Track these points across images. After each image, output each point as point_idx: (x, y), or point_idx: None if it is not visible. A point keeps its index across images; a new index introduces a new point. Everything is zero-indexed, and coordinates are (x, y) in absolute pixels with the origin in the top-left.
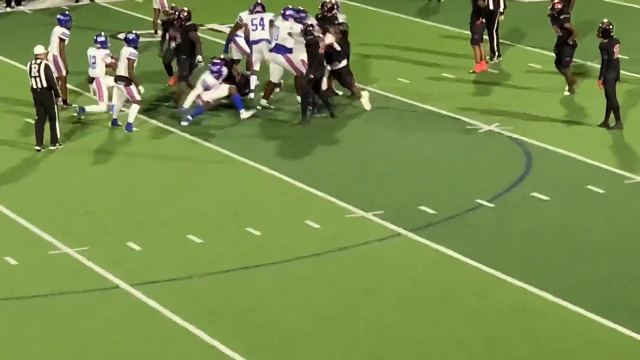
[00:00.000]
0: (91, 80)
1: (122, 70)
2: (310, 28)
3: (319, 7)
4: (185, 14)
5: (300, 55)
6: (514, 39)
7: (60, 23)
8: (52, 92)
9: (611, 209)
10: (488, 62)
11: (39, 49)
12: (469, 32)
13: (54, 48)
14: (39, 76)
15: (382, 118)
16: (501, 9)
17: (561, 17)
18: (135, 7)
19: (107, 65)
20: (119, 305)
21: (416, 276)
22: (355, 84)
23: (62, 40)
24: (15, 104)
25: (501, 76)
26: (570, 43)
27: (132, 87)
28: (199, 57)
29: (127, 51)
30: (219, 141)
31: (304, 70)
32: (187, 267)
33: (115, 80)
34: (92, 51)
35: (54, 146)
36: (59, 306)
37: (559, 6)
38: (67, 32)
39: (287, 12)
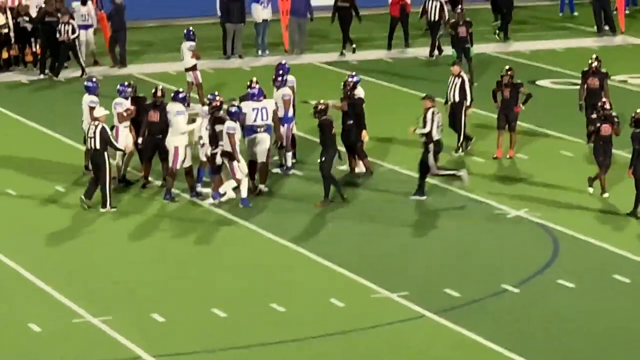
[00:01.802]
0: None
1: (225, 146)
2: (323, 106)
3: (341, 86)
4: (218, 103)
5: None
6: (546, 126)
7: (89, 90)
8: (105, 156)
9: (637, 298)
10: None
11: (99, 112)
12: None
13: (86, 117)
14: (94, 137)
15: (410, 200)
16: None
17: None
18: (169, 79)
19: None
20: None
21: (437, 358)
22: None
23: (91, 108)
24: (44, 169)
25: (531, 162)
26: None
27: (235, 163)
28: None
29: (225, 125)
30: (247, 216)
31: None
32: (210, 341)
33: (220, 155)
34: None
35: (103, 209)
36: None
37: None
38: (95, 99)
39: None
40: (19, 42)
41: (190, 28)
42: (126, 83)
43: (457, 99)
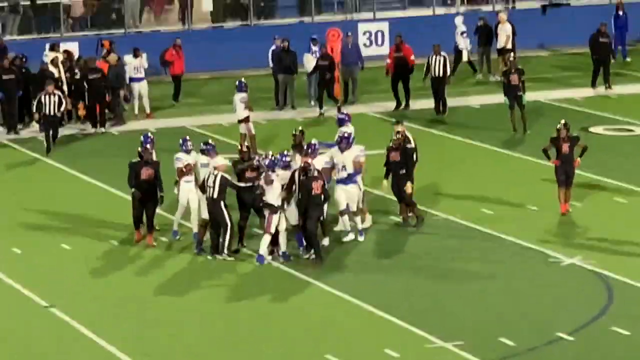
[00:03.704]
0: None
1: (270, 197)
2: (307, 165)
3: (394, 136)
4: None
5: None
6: (600, 173)
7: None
8: (222, 204)
9: None
10: None
11: (219, 160)
12: (549, 164)
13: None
14: (213, 187)
15: (464, 248)
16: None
17: None
18: (222, 131)
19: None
20: None
21: None
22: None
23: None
24: (101, 225)
25: (585, 209)
26: None
27: (275, 215)
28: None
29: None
30: (300, 267)
31: None
32: None
33: (262, 205)
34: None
35: (220, 255)
36: None
37: None
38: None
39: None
40: (72, 97)
41: (242, 79)
42: (187, 137)
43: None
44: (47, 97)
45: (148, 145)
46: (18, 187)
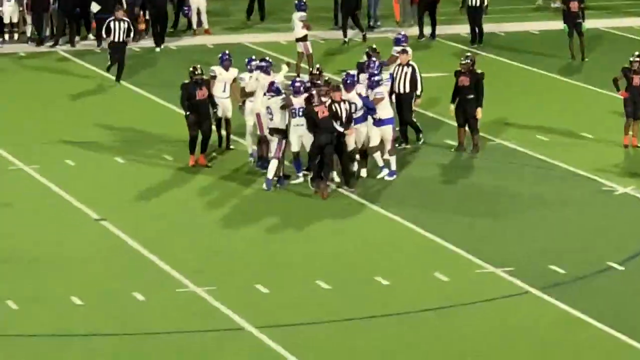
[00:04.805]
0: None
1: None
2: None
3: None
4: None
5: None
6: None
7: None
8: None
9: None
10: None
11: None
12: (608, 93)
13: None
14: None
15: (518, 174)
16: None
17: None
18: (280, 49)
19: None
20: (243, 347)
21: (541, 336)
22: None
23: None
24: (157, 141)
25: None
26: None
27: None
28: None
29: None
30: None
31: None
32: (313, 313)
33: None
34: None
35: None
36: (183, 344)
37: None
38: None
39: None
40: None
41: None
42: (253, 57)
43: (407, 89)
44: (115, 23)
45: (226, 63)
46: (74, 100)
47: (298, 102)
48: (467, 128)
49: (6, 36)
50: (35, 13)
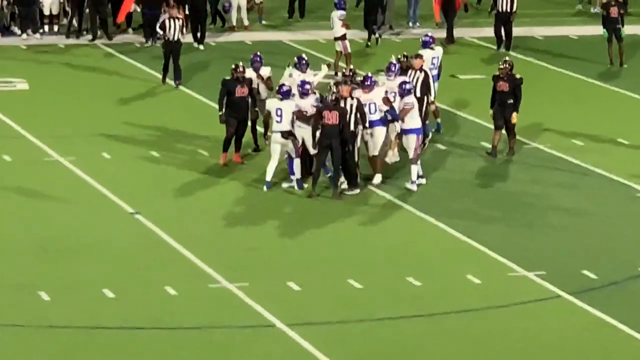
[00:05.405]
0: None
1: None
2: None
3: (500, 65)
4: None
5: None
6: None
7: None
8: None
9: None
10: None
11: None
12: None
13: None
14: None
15: (552, 178)
16: None
17: None
18: (319, 47)
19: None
20: (273, 344)
21: (571, 340)
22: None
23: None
24: (194, 136)
25: None
26: None
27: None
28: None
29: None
30: (387, 189)
31: None
32: (344, 311)
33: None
34: None
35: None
36: (213, 339)
37: None
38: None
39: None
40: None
41: None
42: (303, 56)
43: (417, 94)
44: (171, 20)
45: (257, 65)
46: (112, 94)
47: (305, 104)
48: (504, 131)
49: (46, 28)
50: (75, 5)
